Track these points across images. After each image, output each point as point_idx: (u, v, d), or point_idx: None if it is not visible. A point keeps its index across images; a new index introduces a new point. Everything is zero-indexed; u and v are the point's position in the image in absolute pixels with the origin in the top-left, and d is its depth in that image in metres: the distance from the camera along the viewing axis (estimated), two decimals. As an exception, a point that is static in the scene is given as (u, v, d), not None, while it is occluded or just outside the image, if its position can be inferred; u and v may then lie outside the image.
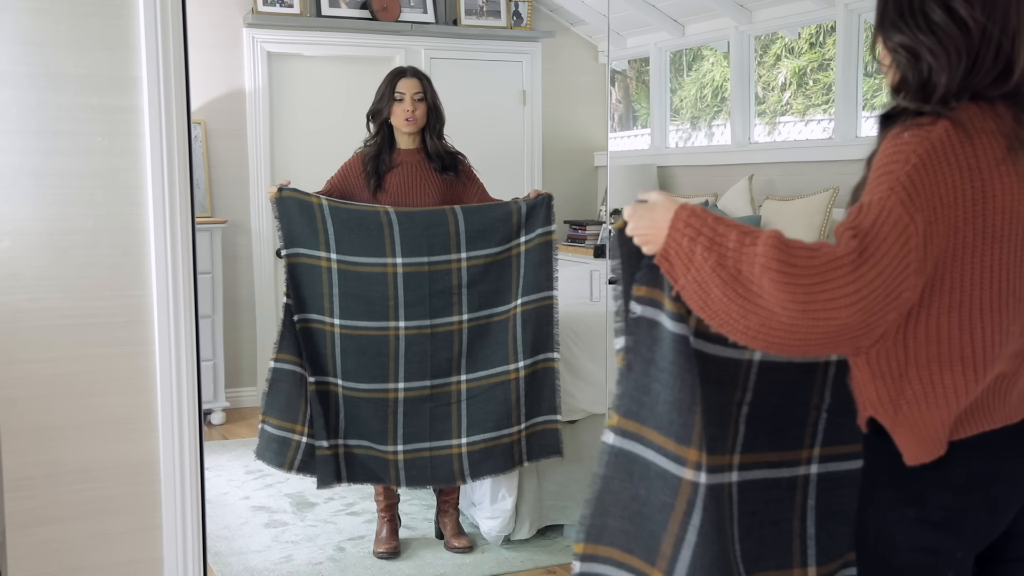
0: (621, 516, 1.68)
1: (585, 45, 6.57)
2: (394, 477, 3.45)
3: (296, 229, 3.39)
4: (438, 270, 3.40)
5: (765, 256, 1.36)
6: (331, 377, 3.40)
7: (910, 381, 1.46)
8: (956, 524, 1.49)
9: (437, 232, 3.39)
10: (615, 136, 6.75)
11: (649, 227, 1.52)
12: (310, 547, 3.66)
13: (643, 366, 1.63)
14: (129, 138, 2.44)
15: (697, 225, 1.45)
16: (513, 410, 3.43)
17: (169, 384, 2.49)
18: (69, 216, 2.40)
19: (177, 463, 2.51)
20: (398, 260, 3.37)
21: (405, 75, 3.55)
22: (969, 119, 1.43)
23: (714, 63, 5.93)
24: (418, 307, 3.39)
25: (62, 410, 2.42)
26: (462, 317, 3.42)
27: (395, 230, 3.37)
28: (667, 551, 1.62)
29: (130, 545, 2.50)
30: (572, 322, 3.74)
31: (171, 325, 2.48)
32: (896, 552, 1.51)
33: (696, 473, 1.60)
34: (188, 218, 2.49)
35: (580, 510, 3.67)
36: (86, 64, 2.39)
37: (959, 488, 1.48)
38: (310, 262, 3.39)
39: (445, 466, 3.45)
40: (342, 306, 3.37)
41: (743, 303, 1.39)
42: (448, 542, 3.64)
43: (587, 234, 6.09)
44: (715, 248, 1.42)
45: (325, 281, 3.38)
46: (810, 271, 1.34)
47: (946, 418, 1.45)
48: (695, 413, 1.59)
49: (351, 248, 3.37)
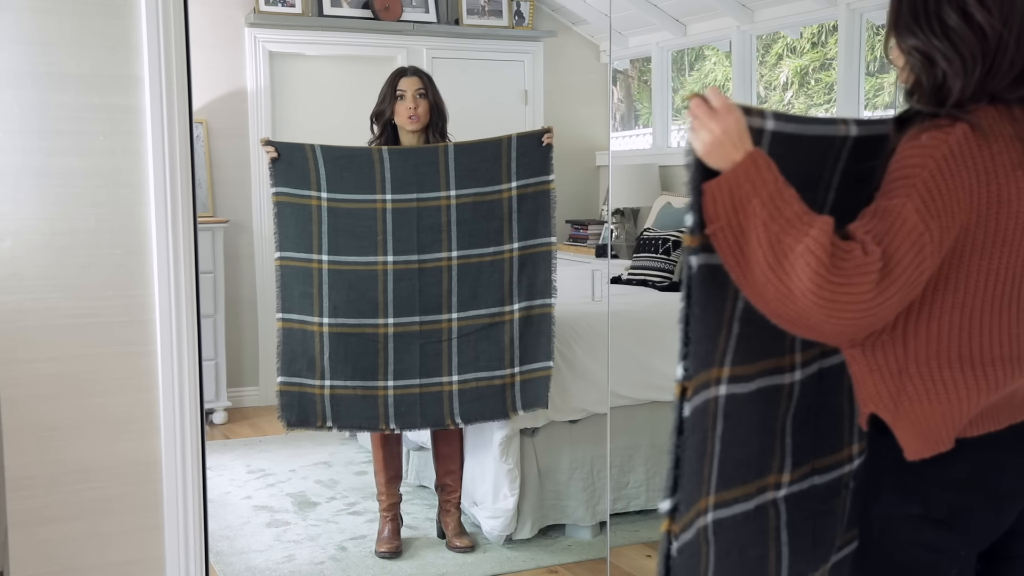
0: (697, 459, 1.56)
1: (587, 44, 6.56)
2: (383, 416, 3.44)
3: (288, 169, 3.41)
4: (427, 206, 3.41)
5: (815, 240, 1.34)
6: (315, 317, 3.41)
7: (911, 377, 1.46)
8: (959, 522, 1.49)
9: (427, 170, 3.40)
10: (617, 136, 6.75)
11: (714, 135, 1.41)
12: (312, 546, 3.66)
13: (703, 314, 1.51)
14: (131, 138, 2.44)
15: (766, 177, 1.39)
16: (506, 352, 3.46)
17: (171, 384, 2.49)
18: (71, 216, 2.40)
19: (179, 463, 2.51)
20: (387, 196, 3.39)
21: (406, 74, 3.57)
22: (987, 122, 1.42)
23: (716, 62, 5.92)
24: (406, 242, 3.40)
25: (64, 410, 2.42)
26: (451, 254, 3.43)
27: (386, 167, 3.38)
28: (705, 473, 1.57)
29: (131, 545, 2.50)
30: (574, 321, 3.74)
31: (173, 325, 2.48)
32: (900, 549, 1.52)
33: (717, 388, 1.56)
34: (190, 217, 2.49)
35: (582, 509, 3.70)
36: (88, 64, 2.39)
37: (963, 486, 1.48)
38: (300, 201, 3.41)
39: (435, 405, 3.45)
40: (331, 242, 3.40)
41: (770, 272, 1.37)
42: (450, 541, 3.64)
43: (588, 233, 6.09)
44: (772, 207, 1.38)
45: (315, 219, 3.40)
46: (841, 272, 1.34)
47: (948, 414, 1.46)
48: (719, 335, 1.54)
49: (341, 186, 3.39)
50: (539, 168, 3.45)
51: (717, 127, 1.40)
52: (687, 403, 1.49)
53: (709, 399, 1.54)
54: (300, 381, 3.42)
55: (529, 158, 3.44)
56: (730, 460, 1.59)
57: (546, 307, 3.47)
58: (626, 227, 5.85)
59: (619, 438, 3.79)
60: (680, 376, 1.49)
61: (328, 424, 3.44)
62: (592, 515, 3.74)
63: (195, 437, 2.53)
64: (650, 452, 3.85)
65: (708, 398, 1.54)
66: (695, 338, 1.49)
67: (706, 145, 1.41)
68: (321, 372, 3.41)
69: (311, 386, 3.42)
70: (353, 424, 3.46)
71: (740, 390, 1.58)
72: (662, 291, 4.49)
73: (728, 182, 1.40)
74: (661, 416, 3.86)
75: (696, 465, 1.53)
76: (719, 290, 1.51)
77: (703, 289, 1.49)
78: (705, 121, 1.41)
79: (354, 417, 3.44)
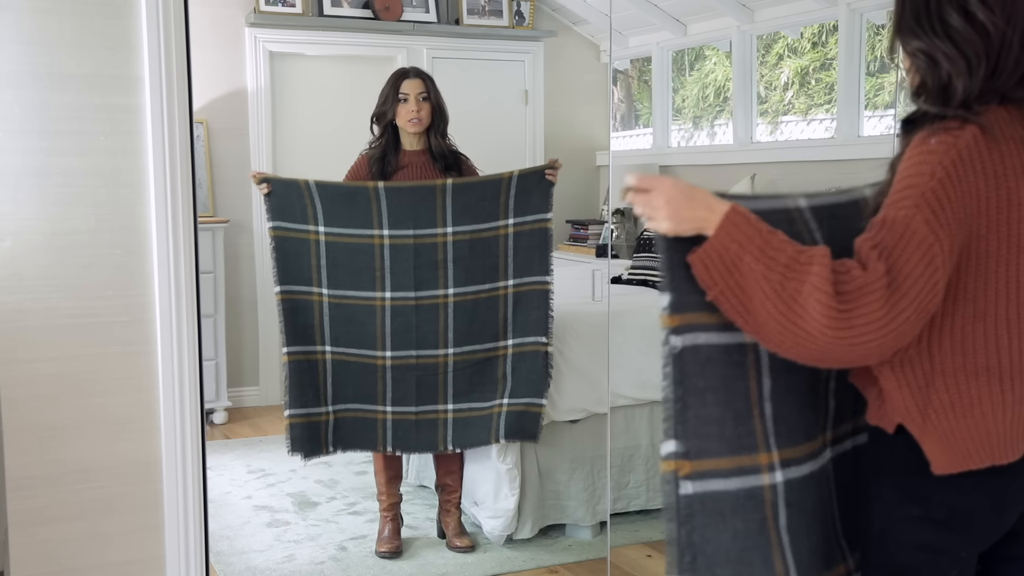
0: (727, 562, 1.50)
1: (587, 44, 6.56)
2: (381, 439, 3.50)
3: (284, 204, 3.42)
4: (424, 243, 3.42)
5: (818, 277, 1.34)
6: (319, 346, 3.45)
7: (936, 391, 1.45)
8: (960, 523, 1.49)
9: (424, 206, 3.41)
10: (617, 136, 6.74)
11: (686, 214, 1.42)
12: (312, 546, 3.66)
13: (699, 397, 1.49)
14: (131, 137, 2.44)
15: (749, 232, 1.39)
16: (499, 383, 3.49)
17: (171, 384, 2.49)
18: (71, 216, 2.40)
19: (179, 463, 2.51)
20: (384, 232, 3.40)
21: (408, 76, 3.56)
22: (998, 124, 1.41)
23: (716, 62, 5.92)
24: (403, 278, 3.42)
25: (64, 410, 2.42)
26: (447, 291, 3.44)
27: (383, 203, 3.39)
28: (779, 567, 1.52)
29: (132, 545, 2.50)
30: (574, 321, 3.74)
31: (173, 324, 2.48)
32: (900, 549, 1.51)
33: (771, 475, 1.52)
34: (190, 217, 2.49)
35: (582, 509, 3.70)
36: (89, 64, 2.39)
37: (963, 487, 1.47)
38: (298, 236, 3.43)
39: (430, 431, 3.50)
40: (330, 276, 3.42)
41: (783, 320, 1.36)
42: (450, 542, 3.64)
43: (589, 233, 6.09)
44: (765, 259, 1.38)
45: (313, 252, 3.42)
46: (846, 297, 1.33)
47: (975, 429, 1.44)
48: (753, 417, 1.51)
49: (339, 221, 3.41)
50: (538, 206, 3.46)
51: (660, 199, 1.44)
52: (687, 481, 1.47)
53: (763, 486, 1.51)
54: (308, 412, 3.46)
55: (529, 195, 3.45)
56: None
57: (539, 345, 3.48)
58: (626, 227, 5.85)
59: (619, 438, 3.79)
60: (676, 453, 1.47)
61: (331, 448, 3.51)
62: (592, 515, 3.74)
63: (195, 437, 2.52)
64: (650, 452, 3.85)
65: (759, 485, 1.50)
66: (703, 419, 1.48)
67: (669, 220, 1.44)
68: (326, 399, 3.48)
69: (318, 414, 3.47)
70: (354, 445, 3.54)
71: (795, 475, 1.55)
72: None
73: (715, 248, 1.40)
74: (661, 416, 3.84)
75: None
76: (733, 369, 1.49)
77: (710, 369, 1.48)
78: (649, 202, 1.46)
79: (355, 438, 3.52)
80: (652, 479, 3.86)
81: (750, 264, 1.38)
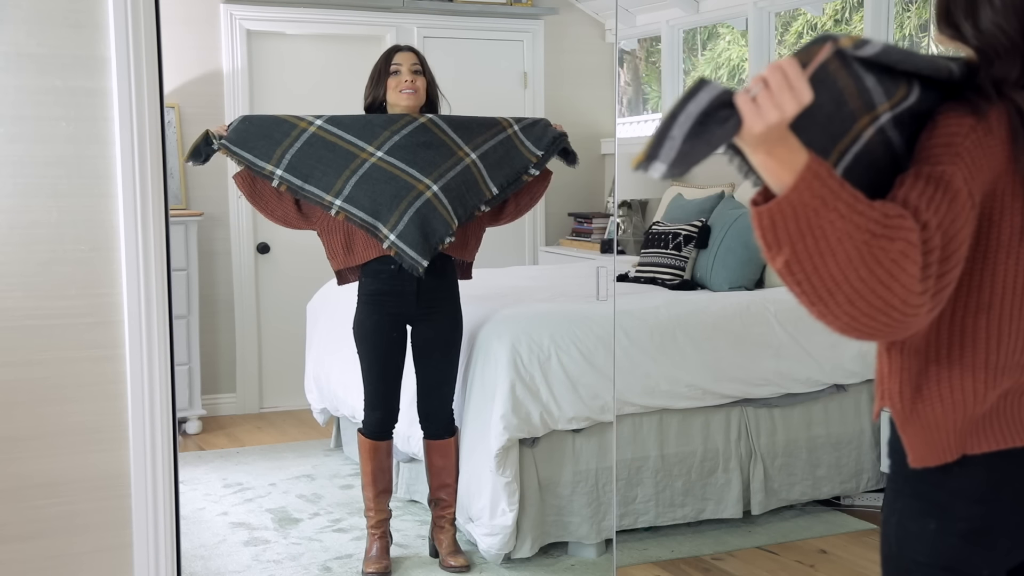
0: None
1: (591, 23, 6.57)
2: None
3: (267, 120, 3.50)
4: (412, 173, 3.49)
5: (907, 242, 1.27)
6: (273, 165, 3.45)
7: (928, 380, 1.47)
8: (981, 538, 1.49)
9: (431, 152, 3.47)
10: (623, 121, 6.75)
11: (784, 116, 1.22)
12: (293, 567, 3.67)
13: None
14: (96, 123, 2.43)
15: (834, 187, 1.26)
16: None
17: (140, 390, 2.49)
18: (31, 208, 2.40)
19: (149, 476, 2.51)
20: (377, 153, 3.42)
21: (400, 49, 3.59)
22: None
23: (731, 41, 5.93)
24: (405, 152, 3.43)
25: (24, 419, 2.42)
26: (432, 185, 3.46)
27: (392, 138, 3.44)
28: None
29: (98, 565, 2.50)
30: (576, 323, 3.74)
31: (143, 326, 2.48)
32: (918, 567, 1.53)
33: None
34: (161, 210, 2.49)
35: (586, 526, 3.71)
36: (49, 43, 2.38)
37: (984, 498, 1.49)
38: (278, 116, 3.49)
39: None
40: (292, 159, 3.41)
41: (864, 289, 1.27)
42: (444, 560, 3.64)
43: (593, 227, 6.09)
44: (852, 217, 1.26)
45: (291, 135, 3.42)
46: (927, 259, 1.31)
47: (958, 423, 1.47)
48: None
49: (340, 123, 3.45)
50: (538, 138, 3.88)
51: (791, 108, 1.22)
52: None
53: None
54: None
55: (531, 128, 3.86)
56: None
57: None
58: (633, 220, 5.85)
59: (626, 449, 3.79)
60: None
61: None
62: (597, 532, 3.74)
63: (167, 448, 2.53)
64: (659, 464, 3.85)
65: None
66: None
67: (768, 127, 1.22)
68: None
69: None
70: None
71: None
72: (672, 289, 4.49)
73: (790, 203, 1.26)
74: (671, 425, 3.86)
75: None
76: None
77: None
78: (779, 96, 1.21)
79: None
80: (661, 493, 3.86)
81: (834, 222, 1.26)
